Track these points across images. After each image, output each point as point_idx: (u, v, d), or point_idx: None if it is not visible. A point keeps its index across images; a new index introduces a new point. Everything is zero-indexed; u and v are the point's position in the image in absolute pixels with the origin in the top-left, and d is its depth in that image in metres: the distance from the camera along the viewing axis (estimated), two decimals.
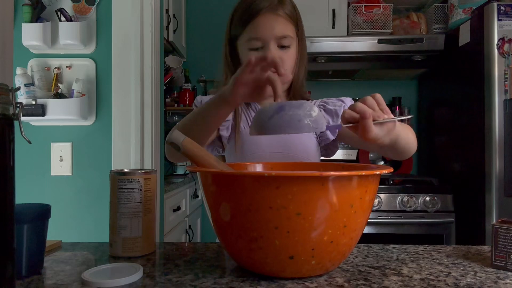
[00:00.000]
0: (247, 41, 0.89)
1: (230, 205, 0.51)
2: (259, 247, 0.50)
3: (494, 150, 1.71)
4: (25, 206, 0.59)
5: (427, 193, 1.93)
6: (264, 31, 0.86)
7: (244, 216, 0.49)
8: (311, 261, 0.50)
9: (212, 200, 0.55)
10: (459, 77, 2.05)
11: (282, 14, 0.87)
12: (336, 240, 0.50)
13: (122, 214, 0.65)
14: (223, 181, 0.51)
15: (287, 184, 0.47)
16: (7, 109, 0.43)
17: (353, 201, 0.50)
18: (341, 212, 0.49)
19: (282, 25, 0.87)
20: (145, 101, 1.49)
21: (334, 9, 2.32)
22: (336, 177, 0.48)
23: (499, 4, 1.71)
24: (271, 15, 0.86)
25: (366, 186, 0.51)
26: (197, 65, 2.76)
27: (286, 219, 0.47)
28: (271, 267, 0.51)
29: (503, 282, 0.53)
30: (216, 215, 0.54)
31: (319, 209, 0.48)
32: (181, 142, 0.54)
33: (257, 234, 0.49)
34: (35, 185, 1.48)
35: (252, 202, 0.48)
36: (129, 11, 1.46)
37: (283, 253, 0.49)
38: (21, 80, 1.40)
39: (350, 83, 2.73)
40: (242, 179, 0.49)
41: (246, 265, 0.55)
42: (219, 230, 0.55)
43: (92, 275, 0.53)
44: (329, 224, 0.49)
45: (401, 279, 0.54)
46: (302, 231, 0.48)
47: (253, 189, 0.48)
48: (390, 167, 0.54)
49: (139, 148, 1.46)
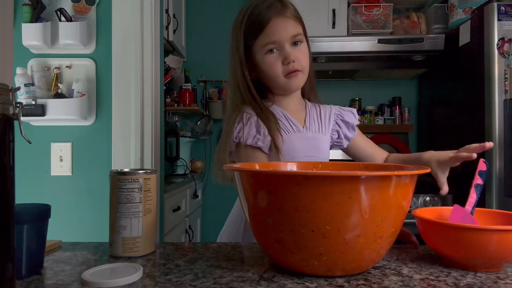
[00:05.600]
0: (263, 47, 0.91)
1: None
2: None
3: (494, 150, 1.71)
4: (25, 206, 0.59)
5: (427, 193, 1.93)
6: (278, 35, 0.90)
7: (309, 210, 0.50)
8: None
9: (268, 202, 0.54)
10: (459, 77, 2.05)
11: (290, 15, 0.91)
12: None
13: (122, 214, 0.65)
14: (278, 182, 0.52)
15: (350, 182, 0.48)
16: (7, 109, 0.43)
17: (408, 197, 0.54)
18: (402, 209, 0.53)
19: (293, 25, 0.91)
20: (145, 101, 1.49)
21: (334, 9, 2.32)
22: (397, 176, 0.50)
23: (499, 4, 1.71)
24: (281, 18, 0.90)
25: (412, 185, 0.55)
26: (197, 65, 2.76)
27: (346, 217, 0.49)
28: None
29: (503, 282, 0.53)
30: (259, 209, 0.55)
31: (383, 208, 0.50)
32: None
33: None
34: (35, 185, 1.48)
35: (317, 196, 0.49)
36: (129, 11, 1.46)
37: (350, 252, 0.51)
38: (21, 80, 1.40)
39: (350, 83, 2.73)
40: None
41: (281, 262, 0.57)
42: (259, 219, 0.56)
43: (92, 275, 0.53)
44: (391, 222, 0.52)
45: (401, 279, 0.54)
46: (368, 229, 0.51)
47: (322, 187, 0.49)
48: (428, 168, 0.55)
49: (139, 148, 1.46)
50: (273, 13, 0.89)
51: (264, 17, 0.89)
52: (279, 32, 0.90)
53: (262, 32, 0.90)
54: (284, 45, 0.90)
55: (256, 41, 0.92)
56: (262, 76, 0.95)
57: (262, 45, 0.91)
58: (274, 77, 0.92)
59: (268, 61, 0.91)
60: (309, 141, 0.97)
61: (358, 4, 2.33)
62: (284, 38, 0.90)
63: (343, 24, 2.33)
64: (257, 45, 0.92)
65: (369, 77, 2.69)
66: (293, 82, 0.93)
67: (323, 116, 1.02)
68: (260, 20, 0.90)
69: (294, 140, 0.94)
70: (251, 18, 0.91)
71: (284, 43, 0.90)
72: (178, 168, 2.34)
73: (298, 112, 1.00)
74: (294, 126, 0.96)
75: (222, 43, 2.71)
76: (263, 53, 0.92)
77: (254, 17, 0.91)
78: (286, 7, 0.92)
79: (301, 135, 0.96)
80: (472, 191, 0.72)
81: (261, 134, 0.90)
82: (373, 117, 2.62)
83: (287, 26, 0.90)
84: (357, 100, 2.65)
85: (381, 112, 2.67)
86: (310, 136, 0.97)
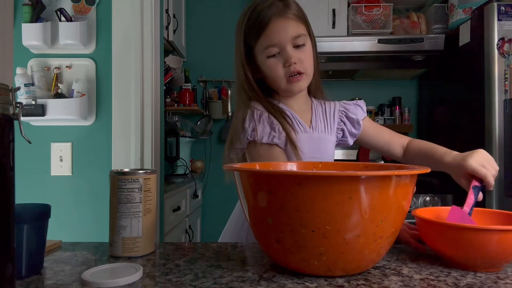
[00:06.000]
0: (264, 49, 0.90)
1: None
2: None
3: (494, 150, 1.71)
4: (25, 206, 0.59)
5: (427, 193, 1.93)
6: (278, 37, 0.88)
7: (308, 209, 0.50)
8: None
9: (268, 202, 0.54)
10: (459, 77, 2.05)
11: (291, 15, 0.89)
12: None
13: (122, 214, 0.65)
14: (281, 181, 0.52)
15: (351, 182, 0.49)
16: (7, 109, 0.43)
17: (408, 197, 0.54)
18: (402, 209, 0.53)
19: (294, 26, 0.89)
20: (145, 101, 1.48)
21: (334, 9, 2.32)
22: (397, 176, 0.51)
23: (499, 4, 1.71)
24: (281, 19, 0.88)
25: (412, 185, 0.55)
26: (197, 65, 2.76)
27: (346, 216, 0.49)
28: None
29: (503, 282, 0.53)
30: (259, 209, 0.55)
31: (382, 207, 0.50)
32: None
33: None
34: (35, 185, 1.48)
35: (317, 196, 0.49)
36: (129, 11, 1.46)
37: (350, 253, 0.51)
38: (21, 80, 1.40)
39: (350, 83, 2.73)
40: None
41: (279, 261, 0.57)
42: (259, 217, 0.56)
43: (92, 275, 0.53)
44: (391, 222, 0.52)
45: (401, 279, 0.54)
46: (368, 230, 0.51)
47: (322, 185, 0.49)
48: (428, 168, 0.55)
49: (139, 148, 1.46)
50: (273, 14, 0.87)
51: (264, 18, 0.88)
52: (279, 33, 0.88)
53: (262, 34, 0.89)
54: (285, 46, 0.88)
55: (257, 43, 0.90)
56: (265, 78, 0.94)
57: (263, 47, 0.90)
58: (276, 80, 0.91)
59: (269, 64, 0.90)
60: (315, 142, 0.95)
61: (358, 4, 2.33)
62: (284, 39, 0.88)
63: (343, 24, 2.33)
64: (258, 47, 0.91)
65: (369, 77, 2.69)
66: (295, 86, 0.91)
67: (328, 114, 1.00)
68: (260, 21, 0.88)
69: (301, 140, 0.92)
70: (251, 19, 0.90)
71: (285, 45, 0.88)
72: (178, 168, 2.34)
73: (305, 111, 0.98)
74: (301, 126, 0.94)
75: (222, 43, 2.71)
76: (264, 55, 0.90)
77: (254, 18, 0.89)
78: (288, 6, 0.89)
79: (307, 135, 0.94)
80: (470, 192, 0.72)
81: (276, 131, 0.88)
82: (373, 117, 2.62)
83: (288, 27, 0.88)
84: (356, 99, 2.65)
85: (381, 112, 2.67)
86: (316, 136, 0.96)
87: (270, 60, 0.90)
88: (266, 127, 0.88)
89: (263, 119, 0.89)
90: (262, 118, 0.89)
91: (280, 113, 0.91)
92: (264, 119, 0.89)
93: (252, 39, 0.91)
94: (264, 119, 0.89)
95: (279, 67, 0.90)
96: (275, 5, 0.88)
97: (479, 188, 0.73)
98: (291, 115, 0.95)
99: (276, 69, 0.90)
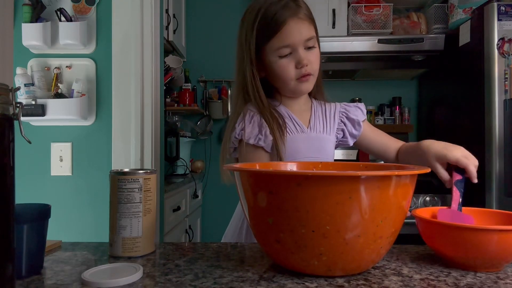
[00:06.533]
0: (276, 50, 0.89)
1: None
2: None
3: (494, 150, 1.71)
4: (25, 206, 0.59)
5: (427, 193, 1.93)
6: (293, 38, 0.88)
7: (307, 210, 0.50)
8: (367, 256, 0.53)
9: (268, 203, 0.54)
10: (459, 77, 2.05)
11: (303, 16, 0.89)
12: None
13: (122, 214, 0.65)
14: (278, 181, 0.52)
15: (350, 181, 0.48)
16: (7, 109, 0.43)
17: (408, 197, 0.54)
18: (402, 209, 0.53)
19: (306, 27, 0.89)
20: (145, 101, 1.49)
21: (334, 9, 2.32)
22: (397, 176, 0.51)
23: (499, 4, 1.71)
24: (296, 20, 0.88)
25: (412, 185, 0.55)
26: (197, 65, 2.76)
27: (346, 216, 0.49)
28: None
29: (503, 282, 0.53)
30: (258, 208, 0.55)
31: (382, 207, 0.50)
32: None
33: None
34: (35, 185, 1.48)
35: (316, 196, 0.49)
36: (129, 11, 1.46)
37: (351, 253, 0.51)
38: (21, 80, 1.40)
39: (350, 83, 2.73)
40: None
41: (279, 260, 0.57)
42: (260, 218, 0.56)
43: (92, 275, 0.53)
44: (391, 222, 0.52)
45: (401, 279, 0.54)
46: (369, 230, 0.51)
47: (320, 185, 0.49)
48: (428, 168, 0.55)
49: (139, 148, 1.46)
50: (288, 15, 0.87)
51: (279, 19, 0.87)
52: (294, 35, 0.87)
53: (276, 34, 0.88)
54: (297, 48, 0.88)
55: (269, 42, 0.90)
56: (272, 77, 0.94)
57: (275, 47, 0.89)
58: (286, 80, 0.91)
59: (281, 64, 0.90)
60: (313, 142, 0.96)
61: (358, 4, 2.33)
62: (298, 41, 0.88)
63: (343, 24, 2.33)
64: (270, 46, 0.90)
65: (369, 77, 2.69)
66: (304, 86, 0.92)
67: (328, 114, 1.00)
68: (275, 21, 0.87)
69: (297, 141, 0.93)
70: (266, 18, 0.89)
71: (298, 47, 0.88)
72: (178, 168, 2.34)
73: (304, 112, 0.99)
74: (298, 126, 0.95)
75: (222, 43, 2.71)
76: (276, 55, 0.90)
77: (269, 17, 0.88)
78: (300, 7, 0.89)
79: (305, 135, 0.95)
80: (454, 189, 0.71)
81: (263, 134, 0.89)
82: (373, 117, 2.62)
83: (302, 29, 0.88)
84: (357, 100, 2.65)
85: (381, 112, 2.67)
86: (314, 136, 0.96)
87: (282, 60, 0.90)
88: (255, 129, 0.89)
89: (254, 120, 0.90)
90: (253, 119, 0.90)
91: (272, 118, 0.91)
92: (255, 121, 0.90)
93: (264, 38, 0.90)
94: (255, 121, 0.90)
95: (291, 67, 0.90)
96: (290, 6, 0.88)
97: (461, 181, 0.72)
98: (288, 116, 0.95)
99: (288, 70, 0.90)
